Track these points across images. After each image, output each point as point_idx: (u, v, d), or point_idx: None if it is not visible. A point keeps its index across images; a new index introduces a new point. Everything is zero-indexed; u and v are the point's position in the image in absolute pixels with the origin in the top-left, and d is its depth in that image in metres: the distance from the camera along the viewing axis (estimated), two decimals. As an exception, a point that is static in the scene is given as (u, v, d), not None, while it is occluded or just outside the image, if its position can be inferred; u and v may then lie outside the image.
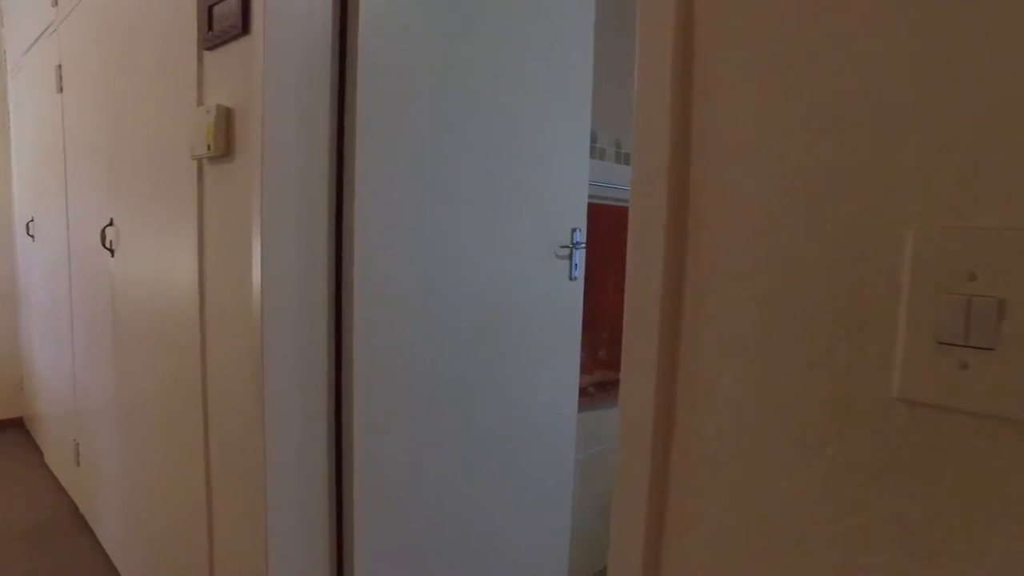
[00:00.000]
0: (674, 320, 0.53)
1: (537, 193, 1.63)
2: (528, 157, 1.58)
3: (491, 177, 1.48)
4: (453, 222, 1.39)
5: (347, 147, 1.20)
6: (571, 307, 1.79)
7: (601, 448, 2.23)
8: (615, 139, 2.15)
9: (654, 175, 0.53)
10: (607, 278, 2.08)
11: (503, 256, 1.54)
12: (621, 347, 1.93)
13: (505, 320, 1.56)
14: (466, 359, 1.46)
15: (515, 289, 1.59)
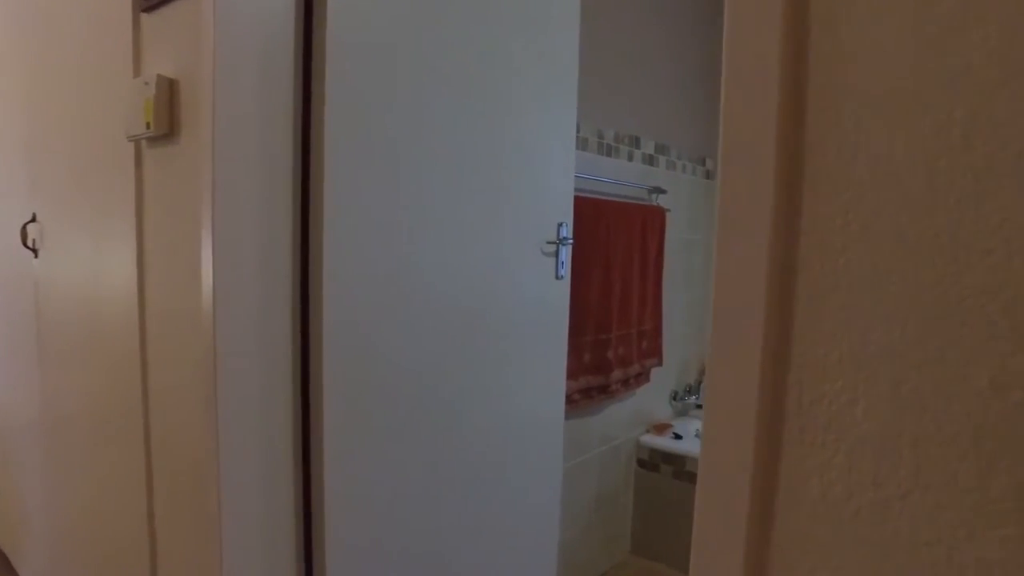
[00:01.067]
0: (781, 332, 0.41)
1: (521, 184, 1.50)
2: (511, 145, 1.45)
3: (472, 167, 1.35)
4: (431, 216, 1.25)
5: (314, 130, 1.05)
6: (557, 308, 1.67)
7: (586, 457, 2.13)
8: (597, 129, 2.05)
9: (757, 134, 0.41)
10: (591, 277, 1.97)
11: (485, 253, 1.41)
12: (607, 351, 1.81)
13: (487, 323, 1.44)
14: (446, 365, 1.33)
15: (498, 289, 1.46)
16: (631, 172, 2.24)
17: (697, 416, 2.66)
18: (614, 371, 2.07)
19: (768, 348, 0.41)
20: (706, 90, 2.72)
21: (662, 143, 2.42)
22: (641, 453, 2.38)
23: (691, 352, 2.78)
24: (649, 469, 2.36)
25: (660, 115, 2.41)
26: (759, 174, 0.40)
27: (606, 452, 2.23)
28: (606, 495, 2.25)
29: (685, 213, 2.62)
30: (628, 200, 2.19)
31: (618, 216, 2.06)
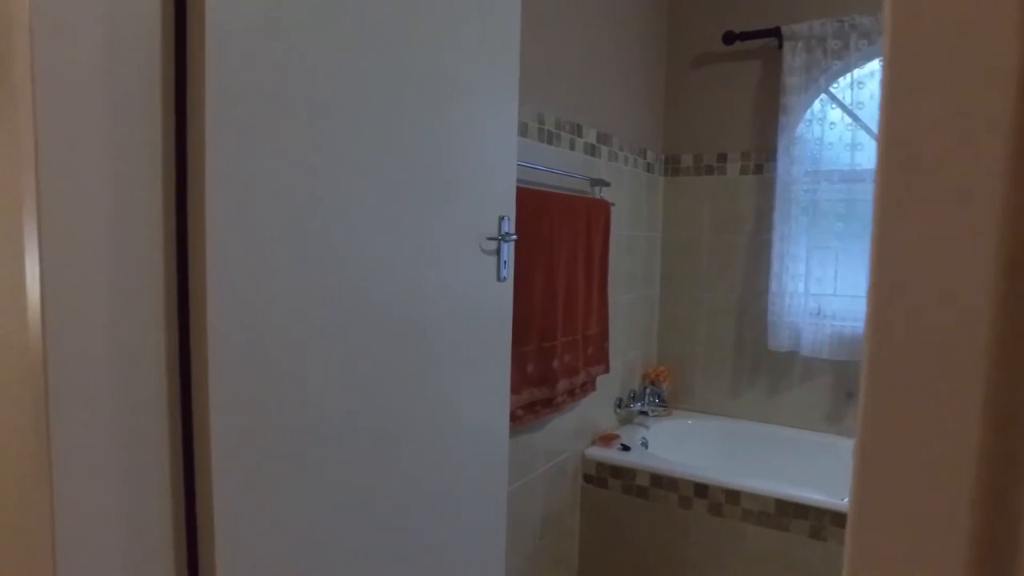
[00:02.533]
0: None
1: (458, 173, 1.30)
2: (448, 123, 1.25)
3: (401, 153, 1.13)
4: (351, 208, 1.03)
5: (193, 91, 0.80)
6: (500, 314, 1.48)
7: (531, 477, 1.94)
8: (537, 113, 1.87)
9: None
10: (534, 277, 1.79)
11: (417, 251, 1.20)
12: (552, 360, 1.63)
13: (421, 332, 1.22)
14: (374, 387, 1.10)
15: (433, 293, 1.25)
16: (573, 162, 2.08)
17: (642, 424, 2.54)
18: (560, 382, 1.89)
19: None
20: (648, 81, 2.61)
21: (604, 132, 2.28)
22: (587, 468, 2.22)
23: (635, 356, 2.65)
24: (596, 485, 2.20)
25: (602, 102, 2.27)
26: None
27: (551, 470, 2.05)
28: (552, 516, 2.07)
29: (627, 207, 2.49)
30: (571, 192, 2.03)
31: (562, 210, 1.89)
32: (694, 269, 2.74)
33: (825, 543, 1.79)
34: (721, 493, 1.95)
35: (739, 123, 2.61)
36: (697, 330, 2.75)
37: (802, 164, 2.38)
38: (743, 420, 2.61)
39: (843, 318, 2.39)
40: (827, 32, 2.27)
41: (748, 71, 2.56)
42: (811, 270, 2.41)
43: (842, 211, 2.37)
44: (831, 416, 2.46)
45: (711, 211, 2.69)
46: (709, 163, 2.69)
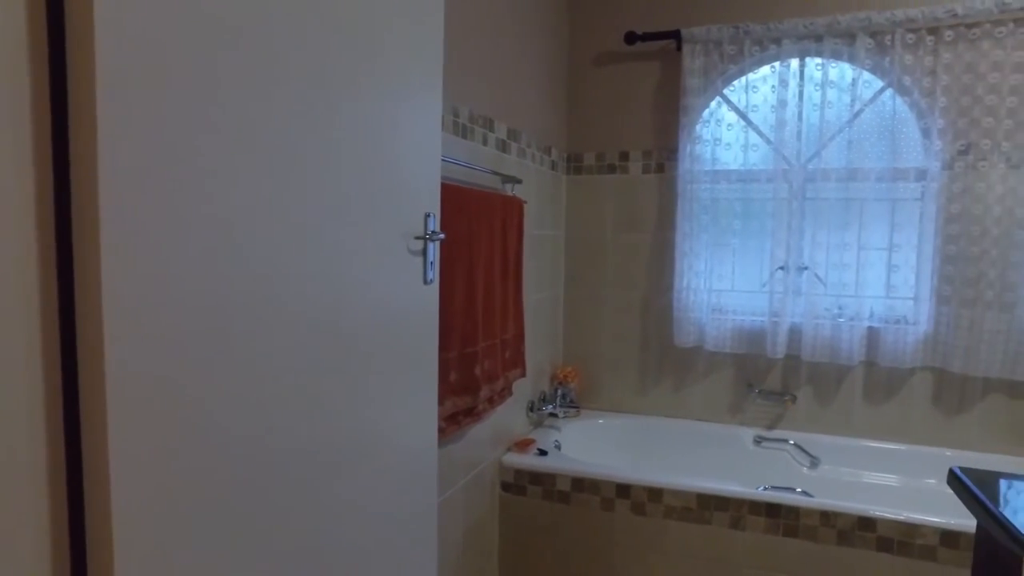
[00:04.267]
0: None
1: (380, 165, 1.20)
2: (368, 114, 1.14)
3: (318, 142, 1.01)
4: (261, 210, 0.90)
5: (77, 82, 0.65)
6: (427, 319, 1.39)
7: (452, 491, 1.85)
8: (452, 106, 1.79)
9: None
10: (455, 279, 1.70)
11: (339, 255, 1.09)
12: (475, 367, 1.56)
13: (345, 344, 1.11)
14: (292, 405, 0.98)
15: (357, 301, 1.14)
16: (486, 157, 2.02)
17: (554, 426, 2.53)
18: (482, 389, 1.82)
19: None
20: (552, 77, 2.60)
21: (513, 128, 2.23)
22: (505, 475, 2.17)
23: (543, 358, 2.64)
24: (515, 493, 2.15)
25: (510, 98, 2.22)
26: None
27: (471, 481, 1.97)
28: (472, 530, 2.00)
29: (534, 206, 2.47)
30: (486, 189, 1.96)
31: (480, 207, 1.82)
32: (598, 268, 2.78)
33: (745, 532, 1.86)
34: (643, 492, 1.97)
35: (641, 122, 2.67)
36: (602, 329, 2.79)
37: (702, 164, 2.48)
38: (651, 416, 2.68)
39: (743, 312, 2.52)
40: (723, 37, 2.38)
41: (649, 71, 2.63)
42: (712, 267, 2.51)
43: (739, 209, 2.50)
44: (733, 407, 2.58)
45: (614, 210, 2.74)
46: (611, 162, 2.73)
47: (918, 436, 2.33)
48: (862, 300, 2.30)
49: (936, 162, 2.20)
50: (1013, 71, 2.11)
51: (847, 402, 2.42)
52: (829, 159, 2.31)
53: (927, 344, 2.25)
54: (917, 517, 1.71)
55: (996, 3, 2.08)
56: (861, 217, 2.29)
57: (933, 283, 2.22)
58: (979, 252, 2.14)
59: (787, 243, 2.37)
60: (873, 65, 2.26)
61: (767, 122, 2.41)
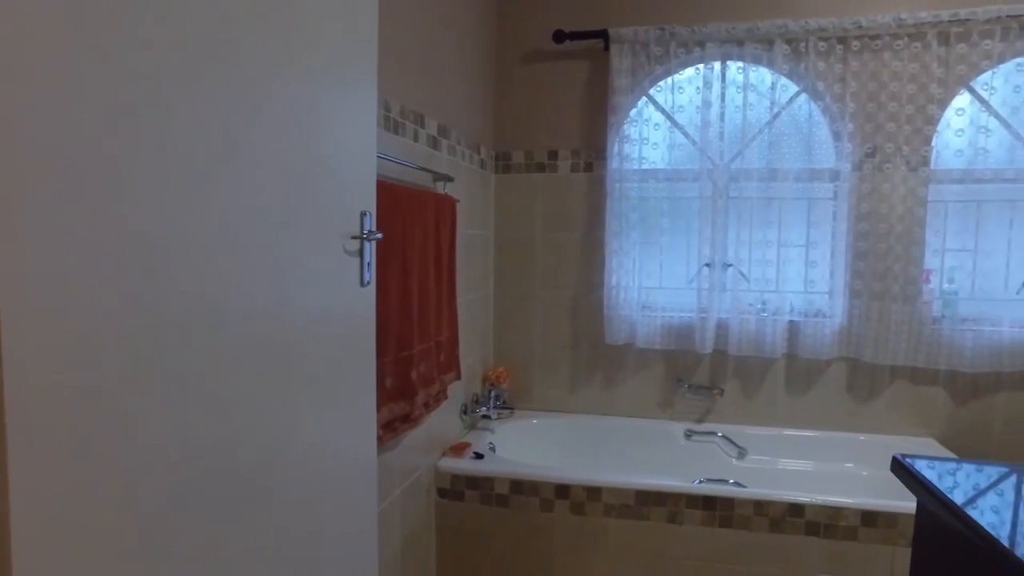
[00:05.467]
0: None
1: (313, 160, 1.13)
2: (300, 106, 1.08)
3: (247, 135, 0.94)
4: (185, 202, 0.83)
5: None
6: (365, 324, 1.33)
7: (389, 501, 1.79)
8: (383, 99, 1.72)
9: None
10: (390, 280, 1.65)
11: (271, 256, 1.02)
12: (411, 371, 1.52)
13: (278, 352, 1.04)
14: (223, 420, 0.90)
15: (291, 305, 1.08)
16: (417, 154, 1.96)
17: (488, 428, 2.51)
18: (418, 394, 1.77)
19: None
20: (480, 74, 2.57)
21: (444, 125, 2.19)
22: (441, 481, 2.12)
23: (475, 359, 2.61)
24: (452, 499, 2.11)
25: (440, 93, 2.18)
26: None
27: (407, 490, 1.92)
28: (410, 540, 1.94)
29: (464, 205, 2.43)
30: (419, 187, 1.91)
31: (413, 206, 1.76)
32: (528, 267, 2.78)
33: (682, 526, 1.90)
34: (582, 492, 1.98)
35: (569, 121, 2.69)
36: (533, 329, 2.79)
37: (630, 162, 2.52)
38: (584, 415, 2.70)
39: (671, 309, 2.59)
40: (650, 38, 2.43)
41: (577, 70, 2.65)
42: (642, 265, 2.57)
43: (667, 208, 2.57)
44: (663, 403, 2.65)
45: (543, 208, 2.75)
46: (540, 160, 2.74)
47: (835, 423, 2.48)
48: (783, 295, 2.42)
49: (847, 163, 2.34)
50: (909, 81, 2.28)
51: (771, 393, 2.54)
52: (751, 159, 2.41)
53: (842, 336, 2.40)
54: (840, 500, 1.82)
55: (894, 18, 2.24)
56: (781, 215, 2.41)
57: (846, 278, 2.37)
58: (886, 248, 2.30)
59: (712, 241, 2.46)
60: (790, 70, 2.38)
61: (692, 122, 2.48)
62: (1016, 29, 2.21)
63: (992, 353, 2.27)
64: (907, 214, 2.28)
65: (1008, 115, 2.25)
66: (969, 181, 2.28)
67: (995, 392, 2.36)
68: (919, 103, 2.27)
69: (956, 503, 0.80)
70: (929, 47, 2.25)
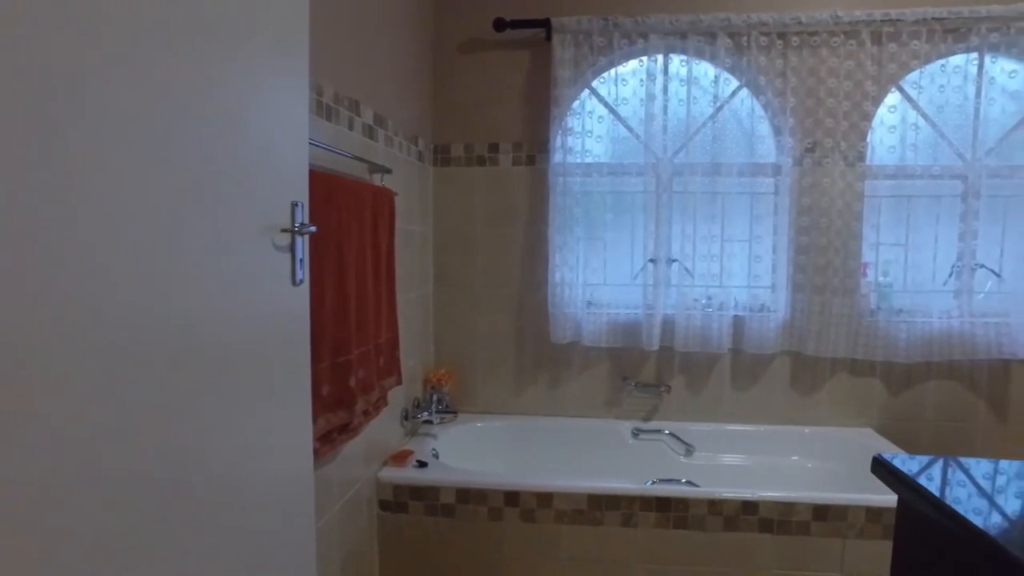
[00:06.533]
0: None
1: (239, 139, 1.01)
2: (223, 85, 0.95)
3: (159, 108, 0.81)
4: (89, 190, 0.70)
5: None
6: (297, 326, 1.21)
7: (327, 518, 1.66)
8: (315, 82, 1.58)
9: None
10: (325, 278, 1.51)
11: (191, 253, 0.89)
12: (349, 377, 1.41)
13: (201, 358, 0.91)
14: (138, 433, 0.77)
15: (214, 307, 0.95)
16: (352, 143, 1.83)
17: (430, 434, 2.40)
18: (358, 402, 1.64)
19: None
20: (417, 62, 2.45)
21: (380, 114, 2.06)
22: (383, 493, 2.00)
23: (415, 361, 2.49)
24: (395, 511, 1.99)
25: (378, 80, 2.05)
26: None
27: (346, 504, 1.78)
28: (351, 557, 1.81)
29: (402, 199, 2.31)
30: (355, 178, 1.78)
31: (349, 198, 1.64)
32: (468, 265, 2.68)
33: (637, 529, 1.85)
34: (532, 498, 1.90)
35: (510, 113, 2.61)
36: (475, 328, 2.69)
37: (573, 156, 2.47)
38: (529, 416, 2.63)
39: (617, 306, 2.55)
40: (593, 28, 2.38)
41: (518, 61, 2.58)
42: (587, 261, 2.52)
43: (610, 203, 2.53)
44: (610, 402, 2.61)
45: (484, 203, 2.65)
46: (480, 153, 2.64)
47: (779, 417, 2.50)
48: (728, 290, 2.42)
49: (788, 158, 2.36)
50: (845, 77, 2.32)
51: (717, 389, 2.54)
52: (695, 154, 2.39)
53: (785, 330, 2.42)
54: (792, 495, 1.81)
55: (831, 15, 2.28)
56: (724, 210, 2.41)
57: (789, 272, 2.39)
58: (826, 242, 2.33)
59: (657, 236, 2.43)
60: (732, 64, 2.38)
61: (636, 115, 2.45)
62: (940, 32, 2.29)
63: (924, 344, 2.35)
64: (845, 209, 2.32)
65: (934, 114, 2.32)
66: (901, 177, 2.34)
67: (926, 381, 2.45)
68: (855, 100, 2.32)
69: (943, 500, 0.77)
70: (863, 45, 2.30)
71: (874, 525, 1.77)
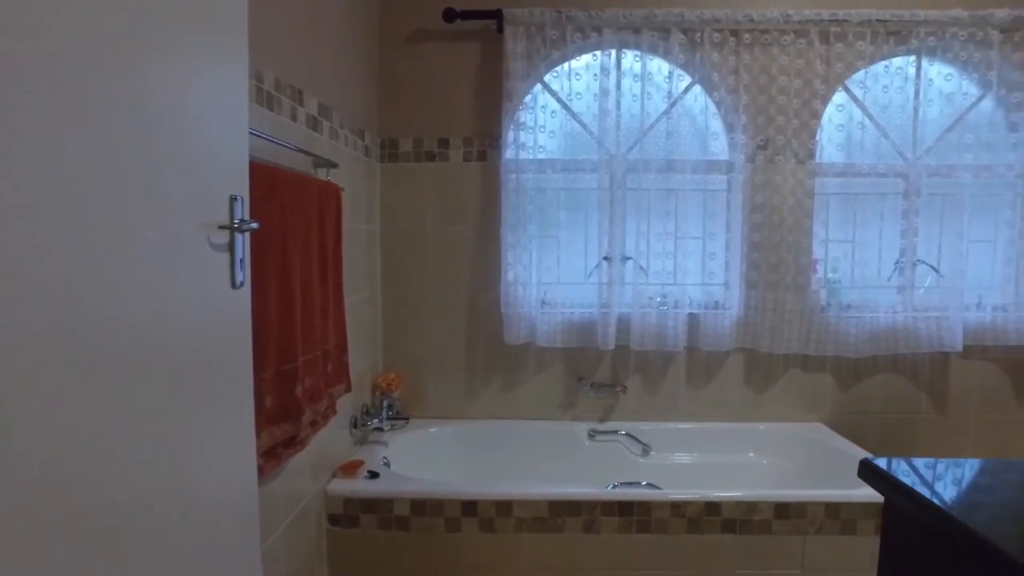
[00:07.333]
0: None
1: (171, 127, 0.90)
2: (152, 66, 0.84)
3: (79, 95, 0.71)
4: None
5: None
6: (238, 333, 1.10)
7: (273, 539, 1.54)
8: (255, 68, 1.47)
9: None
10: (267, 282, 1.40)
11: (118, 253, 0.79)
12: (295, 387, 1.31)
13: (130, 369, 0.81)
14: (59, 452, 0.67)
15: (146, 312, 0.84)
16: (296, 135, 1.71)
17: (381, 441, 2.29)
18: (305, 413, 1.53)
19: None
20: (363, 51, 2.34)
21: (325, 105, 1.95)
22: (332, 507, 1.89)
23: (364, 366, 2.38)
24: (346, 525, 1.88)
25: (323, 69, 1.94)
26: None
27: (293, 521, 1.67)
28: (297, 581, 1.69)
29: (348, 195, 2.20)
30: (299, 173, 1.66)
31: (294, 193, 1.53)
32: (418, 264, 2.59)
33: (599, 535, 1.81)
34: (491, 507, 1.83)
35: (461, 107, 2.53)
36: (426, 330, 2.60)
37: (526, 151, 2.41)
38: (483, 420, 2.56)
39: (571, 305, 2.50)
40: (546, 21, 2.32)
41: (469, 53, 2.50)
42: (540, 259, 2.46)
43: (564, 200, 2.48)
44: (564, 403, 2.57)
45: (434, 200, 2.57)
46: (430, 149, 2.55)
47: (735, 414, 2.52)
48: (683, 288, 2.41)
49: (740, 155, 2.37)
50: (796, 76, 2.34)
51: (673, 388, 2.53)
52: (648, 150, 2.37)
53: (739, 327, 2.43)
54: (754, 494, 1.81)
55: (781, 14, 2.30)
56: (678, 207, 2.40)
57: (742, 269, 2.40)
58: (779, 239, 2.35)
59: (611, 233, 2.40)
60: (685, 61, 2.37)
61: (590, 110, 2.41)
62: (883, 34, 2.34)
63: (871, 338, 2.40)
64: (797, 206, 2.35)
65: (878, 113, 2.38)
66: (849, 175, 2.39)
67: (873, 375, 2.51)
68: (805, 98, 2.34)
69: (936, 502, 0.75)
70: (812, 44, 2.33)
71: (833, 520, 1.78)
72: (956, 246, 2.39)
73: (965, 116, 2.37)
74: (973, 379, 2.51)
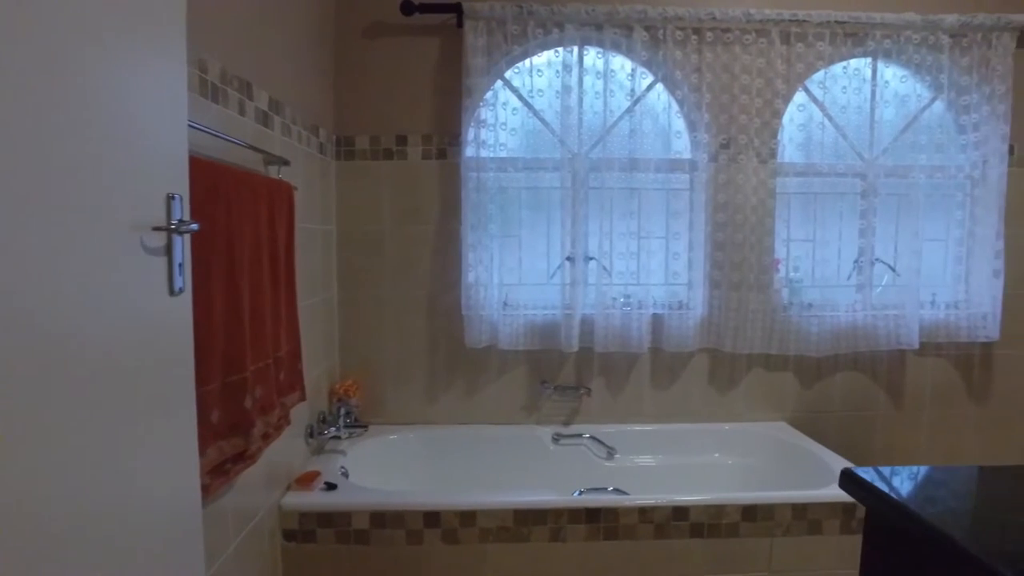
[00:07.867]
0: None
1: (97, 116, 0.81)
2: (76, 51, 0.76)
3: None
4: None
5: None
6: (178, 343, 1.02)
7: (224, 559, 1.45)
8: (198, 58, 1.37)
9: None
10: (212, 286, 1.31)
11: (38, 255, 0.70)
12: (244, 398, 1.21)
13: (55, 384, 0.72)
14: None
15: (72, 323, 0.76)
16: (244, 130, 1.62)
17: (339, 450, 2.21)
18: (255, 426, 1.44)
19: None
20: (317, 44, 2.25)
21: (277, 99, 1.85)
22: (288, 522, 1.80)
23: (320, 372, 2.29)
24: (302, 541, 1.80)
25: (274, 61, 1.84)
26: None
27: (245, 540, 1.58)
28: (248, 603, 1.60)
29: (302, 194, 2.10)
30: (247, 170, 1.57)
31: (241, 191, 1.43)
32: (376, 265, 2.50)
33: (566, 543, 1.77)
34: (455, 517, 1.77)
35: (419, 103, 2.46)
36: (384, 334, 2.52)
37: (487, 149, 2.35)
38: (445, 426, 2.49)
39: (534, 307, 2.46)
40: (507, 15, 2.27)
41: (428, 48, 2.43)
42: (502, 260, 2.41)
43: (525, 199, 2.43)
44: (527, 407, 2.52)
45: (392, 200, 2.49)
46: (388, 146, 2.47)
47: (699, 415, 2.51)
48: (646, 288, 2.39)
49: (703, 154, 2.36)
50: (757, 75, 2.35)
51: (637, 389, 2.51)
52: (611, 149, 2.34)
53: (703, 327, 2.43)
54: (721, 497, 1.79)
55: (743, 12, 2.30)
56: (641, 207, 2.37)
57: (706, 269, 2.40)
58: (742, 239, 2.35)
59: (573, 233, 2.36)
60: (648, 58, 2.35)
61: (552, 108, 2.37)
62: (842, 35, 2.36)
63: (832, 337, 2.42)
64: (759, 205, 2.35)
65: (837, 114, 2.40)
66: (810, 174, 2.40)
67: (834, 373, 2.53)
68: (766, 97, 2.35)
69: (914, 510, 0.73)
70: (773, 44, 2.34)
71: (800, 522, 1.78)
72: (911, 245, 2.43)
73: (919, 118, 2.42)
74: (927, 376, 2.57)
